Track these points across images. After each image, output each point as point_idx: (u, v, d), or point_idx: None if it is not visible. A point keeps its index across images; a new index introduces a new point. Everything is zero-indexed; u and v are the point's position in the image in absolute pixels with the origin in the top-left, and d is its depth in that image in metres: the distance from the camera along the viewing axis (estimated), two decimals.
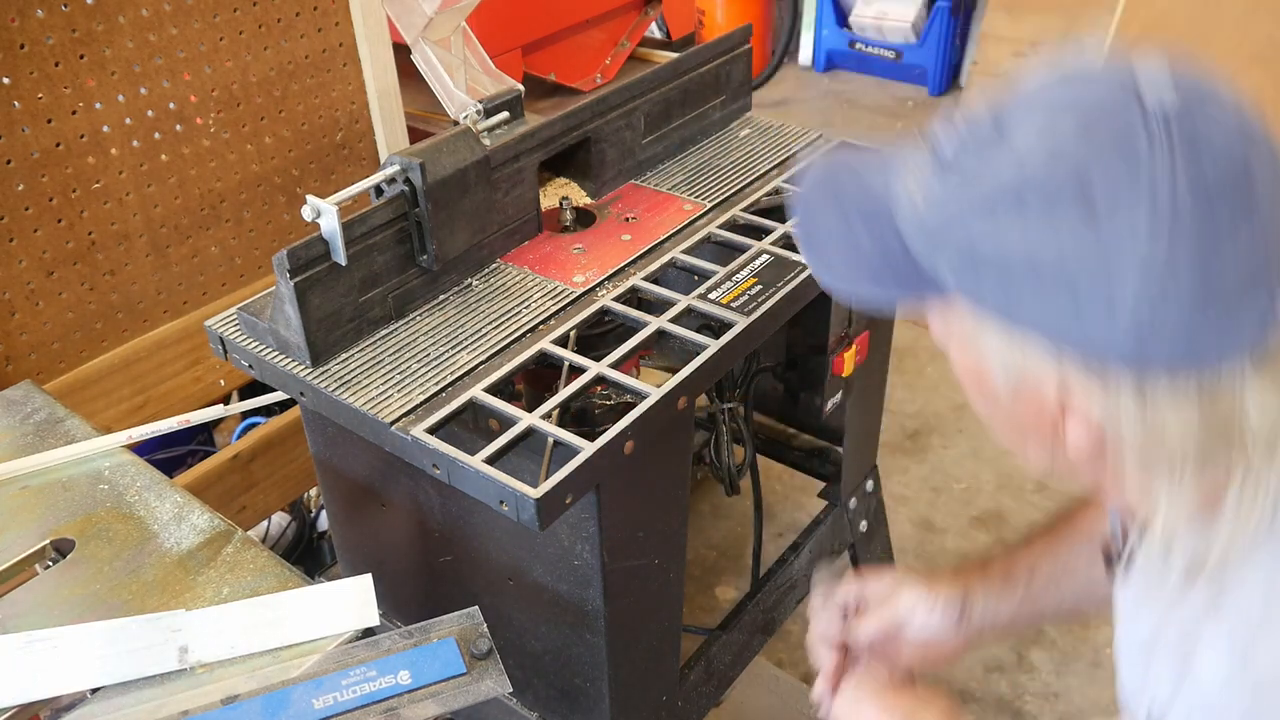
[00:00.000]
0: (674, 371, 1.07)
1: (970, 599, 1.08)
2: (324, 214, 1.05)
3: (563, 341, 1.11)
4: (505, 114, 1.29)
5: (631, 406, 1.01)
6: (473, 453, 0.95)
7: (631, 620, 1.16)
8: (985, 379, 0.77)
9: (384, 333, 1.15)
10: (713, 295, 1.17)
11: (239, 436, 1.87)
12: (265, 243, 1.80)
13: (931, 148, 0.76)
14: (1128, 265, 0.65)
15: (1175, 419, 0.68)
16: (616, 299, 1.18)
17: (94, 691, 0.91)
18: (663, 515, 1.14)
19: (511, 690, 1.30)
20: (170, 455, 2.11)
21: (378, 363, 1.11)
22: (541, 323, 1.16)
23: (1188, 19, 2.62)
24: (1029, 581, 1.10)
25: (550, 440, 0.97)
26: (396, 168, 1.13)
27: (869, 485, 1.70)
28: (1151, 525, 0.75)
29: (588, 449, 0.95)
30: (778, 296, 1.16)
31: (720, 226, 1.31)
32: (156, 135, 1.59)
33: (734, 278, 1.19)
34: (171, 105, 1.59)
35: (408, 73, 1.82)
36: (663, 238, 1.30)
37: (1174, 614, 0.76)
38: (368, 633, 0.97)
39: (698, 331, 1.12)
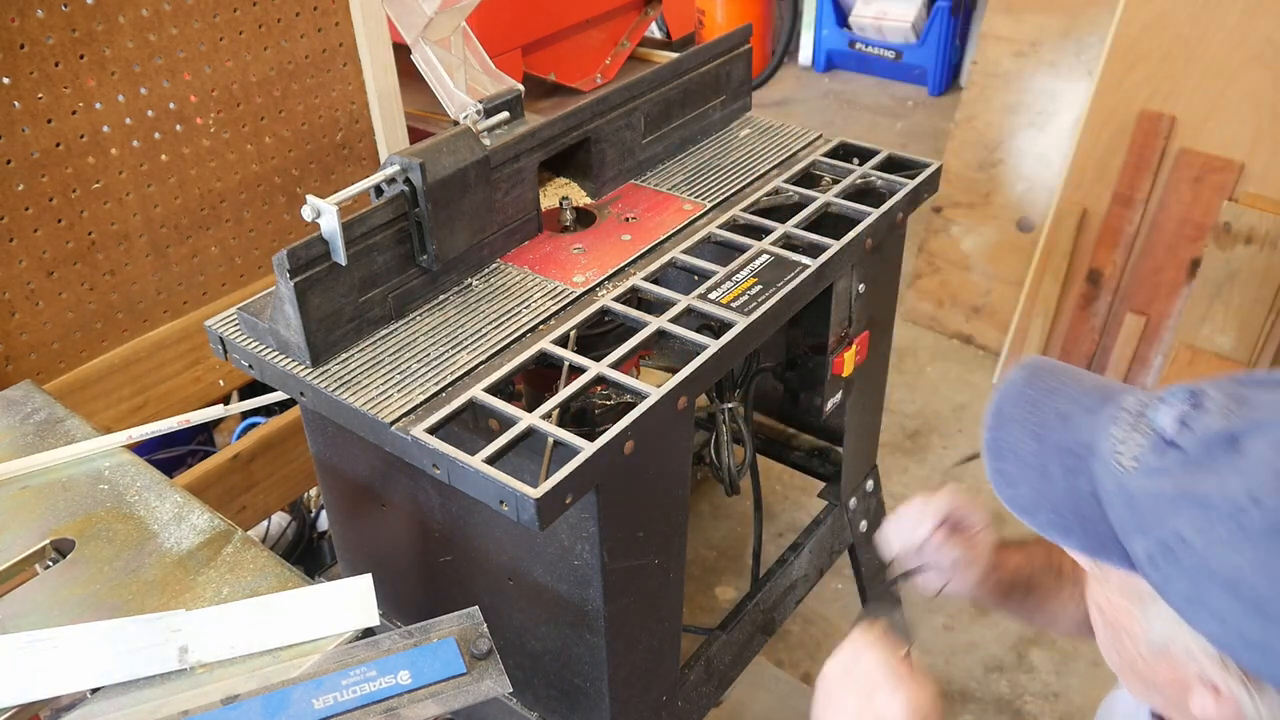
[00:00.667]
0: (674, 371, 1.07)
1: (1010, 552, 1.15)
2: (324, 214, 1.05)
3: (563, 341, 1.11)
4: (505, 114, 1.29)
5: (631, 406, 1.01)
6: (473, 453, 0.95)
7: (631, 620, 1.16)
8: (1130, 630, 0.82)
9: (384, 333, 1.15)
10: (713, 295, 1.17)
11: (239, 436, 1.87)
12: (265, 243, 1.80)
13: (1152, 418, 0.78)
14: None
15: None
16: (616, 299, 1.18)
17: (94, 691, 0.91)
18: (663, 515, 1.14)
19: (511, 690, 1.30)
20: (170, 455, 2.11)
21: (378, 363, 1.11)
22: (541, 323, 1.16)
23: (1188, 19, 2.62)
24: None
25: (550, 440, 0.97)
26: (396, 168, 1.13)
27: (869, 485, 1.70)
28: None
29: (588, 449, 0.95)
30: (778, 296, 1.16)
31: (720, 226, 1.31)
32: (156, 135, 1.59)
33: (734, 278, 1.19)
34: (171, 105, 1.59)
35: (408, 73, 1.82)
36: (663, 238, 1.30)
37: None
38: (368, 633, 0.97)
39: (698, 331, 1.12)
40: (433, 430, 1.00)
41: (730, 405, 1.46)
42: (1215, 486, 0.72)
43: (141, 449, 1.26)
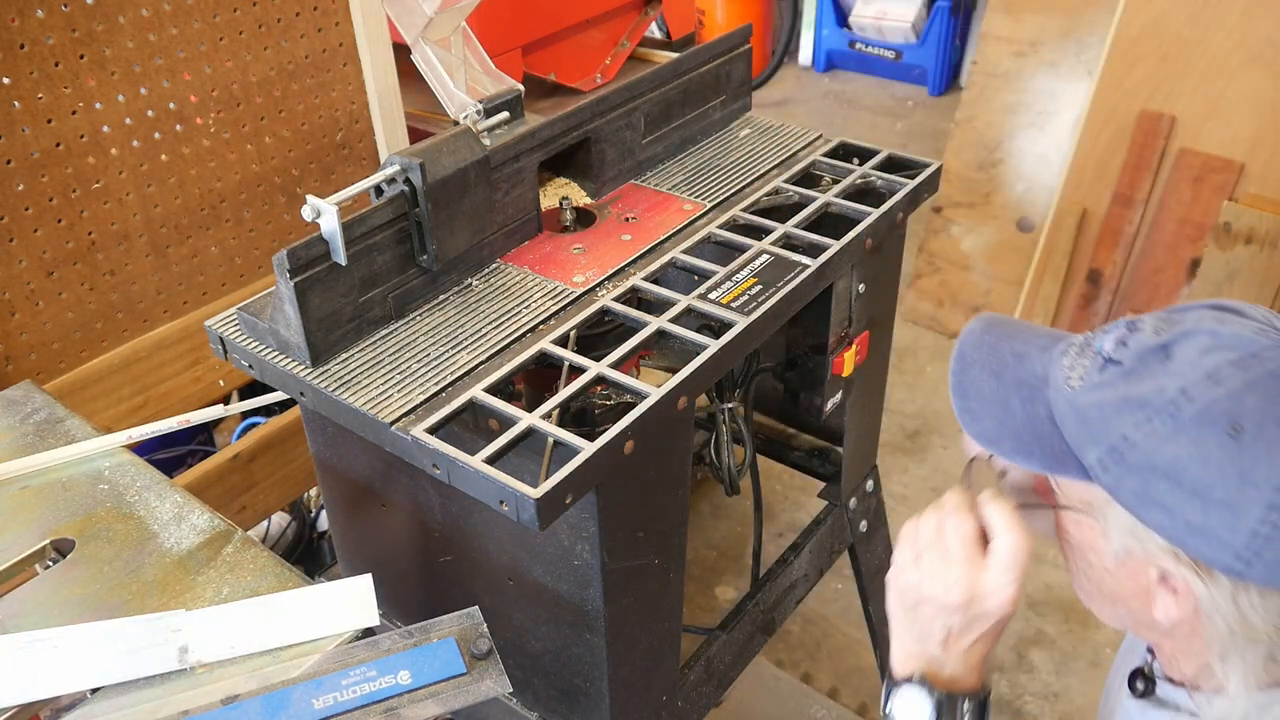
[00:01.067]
0: (674, 371, 1.07)
1: None
2: (324, 214, 1.05)
3: (563, 341, 1.11)
4: (505, 114, 1.29)
5: (631, 406, 1.01)
6: (473, 453, 0.95)
7: (631, 620, 1.16)
8: (1093, 545, 0.90)
9: (384, 333, 1.15)
10: (713, 295, 1.17)
11: (239, 436, 1.87)
12: (265, 243, 1.80)
13: (1095, 344, 0.88)
14: (1258, 495, 0.76)
15: (1260, 623, 0.80)
16: (616, 299, 1.18)
17: (94, 691, 0.91)
18: (663, 515, 1.14)
19: (511, 690, 1.30)
20: (170, 455, 2.11)
21: (378, 363, 1.11)
22: (541, 323, 1.16)
23: (1188, 19, 2.62)
24: None
25: (550, 440, 0.97)
26: (396, 168, 1.13)
27: (869, 485, 1.70)
28: (1200, 686, 0.90)
29: (588, 449, 0.95)
30: (778, 296, 1.16)
31: (720, 226, 1.31)
32: (156, 135, 1.59)
33: (734, 278, 1.19)
34: (171, 105, 1.59)
35: (408, 73, 1.82)
36: (663, 238, 1.30)
37: None
38: (368, 633, 0.97)
39: (698, 331, 1.12)
40: (433, 430, 1.00)
41: (730, 405, 1.46)
42: (1151, 388, 0.80)
43: (141, 449, 1.26)
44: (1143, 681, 1.01)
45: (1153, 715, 0.98)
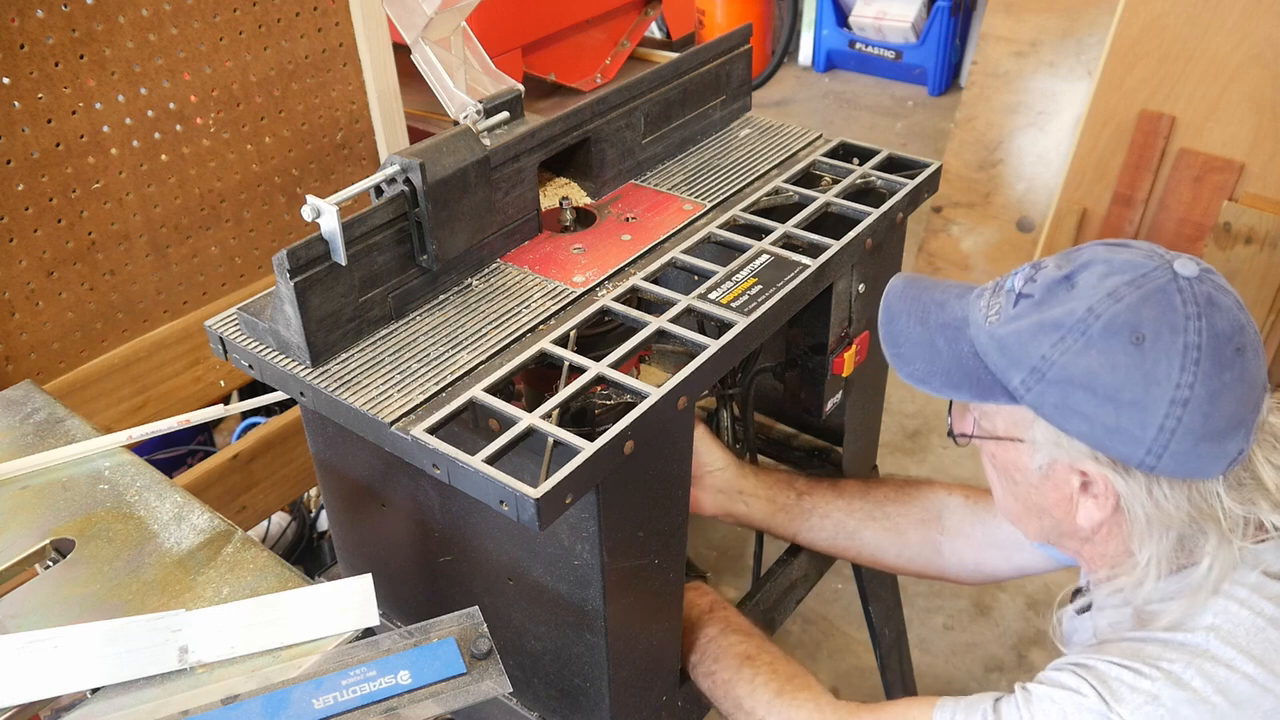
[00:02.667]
0: (674, 372, 1.07)
1: (742, 473, 1.42)
2: (324, 214, 1.05)
3: (563, 341, 1.11)
4: (505, 114, 1.29)
5: (631, 406, 1.01)
6: (473, 453, 0.95)
7: (631, 620, 1.16)
8: (1019, 464, 1.00)
9: (384, 333, 1.15)
10: (713, 295, 1.17)
11: (239, 436, 1.87)
12: (265, 243, 1.80)
13: (1006, 285, 0.99)
14: (1162, 393, 0.88)
15: (1173, 510, 0.92)
16: (616, 299, 1.18)
17: (94, 691, 0.91)
18: (663, 515, 1.14)
19: (511, 690, 1.30)
20: (170, 455, 2.11)
21: (378, 363, 1.11)
22: (541, 323, 1.16)
23: (1188, 19, 2.62)
24: (796, 502, 1.44)
25: (550, 440, 0.97)
26: (396, 168, 1.13)
27: None
28: (1118, 579, 1.00)
29: (588, 449, 0.95)
30: (778, 296, 1.16)
31: (720, 226, 1.31)
32: (156, 135, 1.59)
33: (734, 278, 1.20)
34: (171, 105, 1.59)
35: (408, 73, 1.82)
36: (663, 238, 1.30)
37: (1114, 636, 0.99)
38: (368, 633, 0.97)
39: (698, 332, 1.12)
40: (433, 430, 1.00)
41: (732, 391, 1.46)
42: (1062, 312, 0.92)
43: (141, 449, 1.26)
44: (1079, 595, 1.13)
45: (1084, 620, 1.10)
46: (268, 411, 1.71)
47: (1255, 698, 0.89)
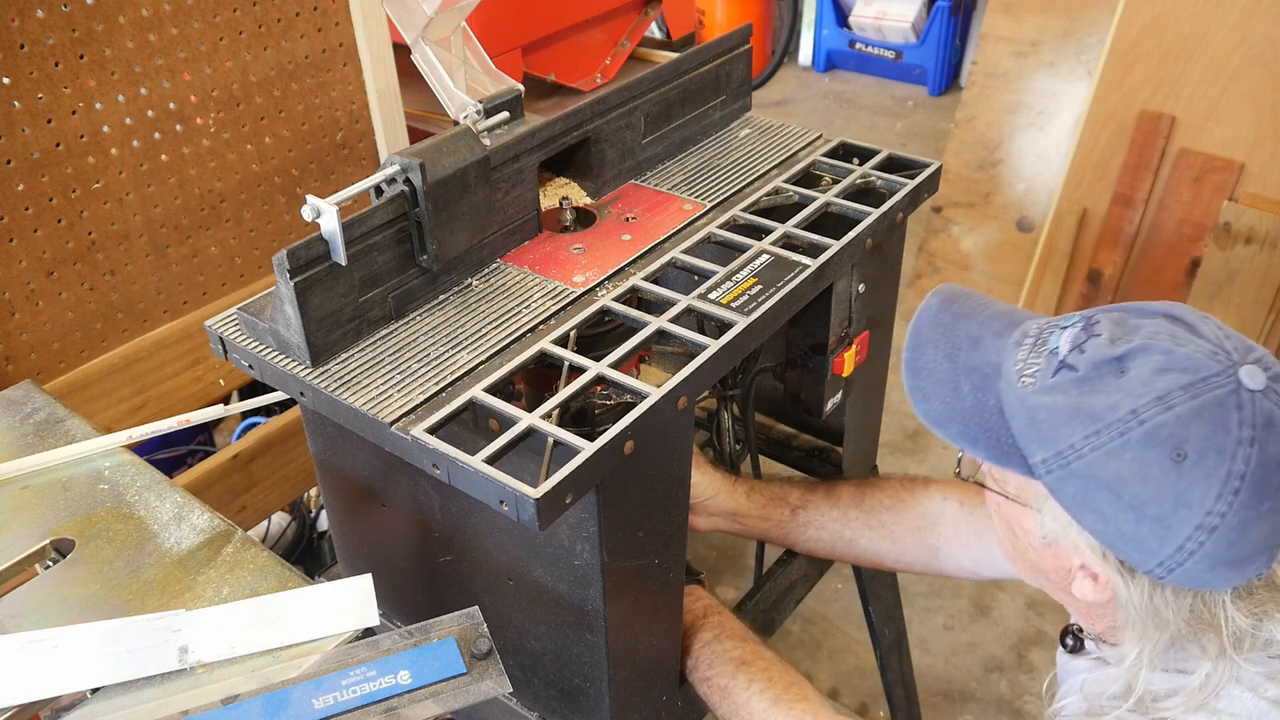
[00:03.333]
0: (674, 372, 1.07)
1: (734, 496, 1.41)
2: (324, 214, 1.05)
3: (563, 341, 1.11)
4: (505, 114, 1.29)
5: (631, 406, 1.01)
6: (473, 453, 0.95)
7: (631, 620, 1.16)
8: (1023, 525, 0.95)
9: (384, 333, 1.15)
10: (713, 295, 1.17)
11: (239, 436, 1.87)
12: (265, 243, 1.80)
13: (1050, 342, 0.90)
14: (1190, 516, 0.81)
15: (1171, 617, 0.88)
16: (616, 299, 1.18)
17: (94, 691, 0.91)
18: (663, 515, 1.14)
19: (511, 690, 1.30)
20: (170, 455, 2.11)
21: (378, 363, 1.11)
22: (541, 323, 1.16)
23: (1188, 19, 2.62)
24: (790, 517, 1.43)
25: (550, 440, 0.97)
26: (396, 168, 1.13)
27: None
28: (1109, 642, 0.99)
29: (588, 449, 0.95)
30: (778, 296, 1.16)
31: (720, 226, 1.31)
32: (156, 135, 1.59)
33: (734, 278, 1.19)
34: (171, 105, 1.59)
35: (408, 73, 1.82)
36: (663, 238, 1.30)
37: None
38: (368, 633, 0.97)
39: (698, 332, 1.12)
40: (433, 430, 1.00)
41: (733, 392, 1.46)
42: (1104, 403, 0.83)
43: (141, 449, 1.26)
44: (1071, 638, 1.09)
45: (1075, 665, 1.06)
46: (268, 411, 1.71)
47: None
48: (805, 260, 1.22)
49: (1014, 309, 1.00)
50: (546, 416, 1.00)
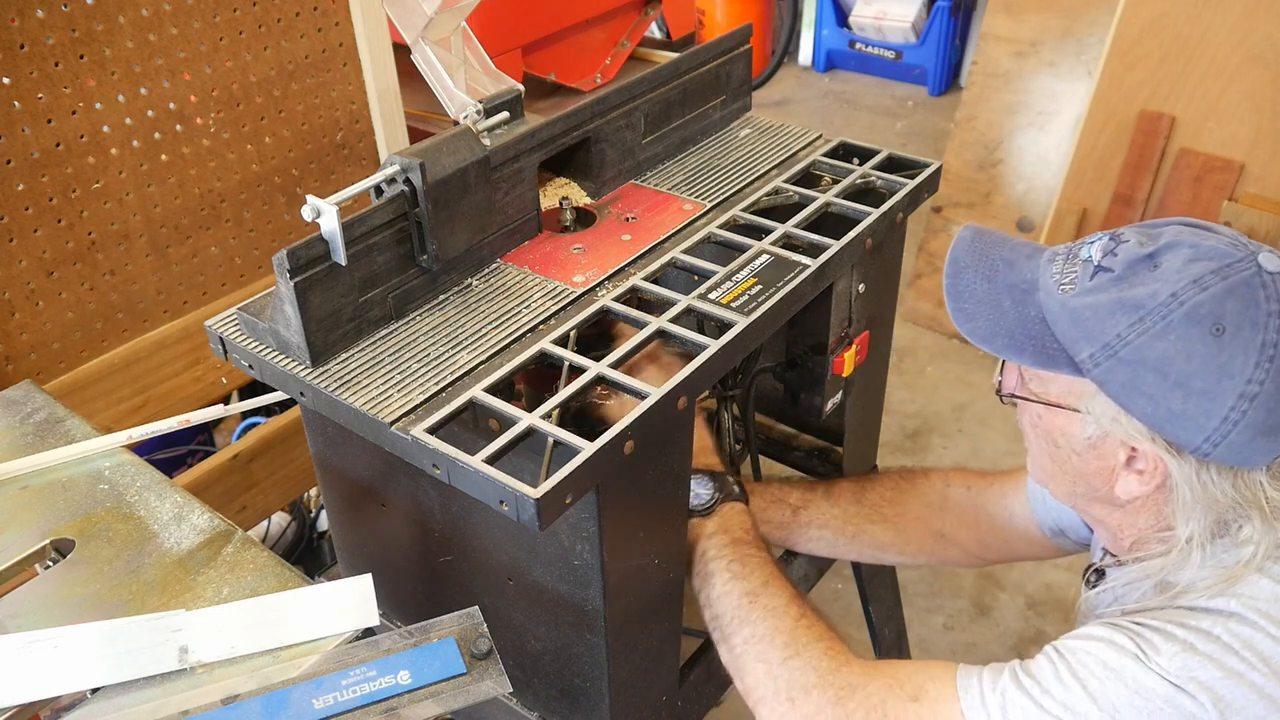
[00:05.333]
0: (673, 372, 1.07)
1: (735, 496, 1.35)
2: (324, 214, 1.05)
3: (563, 341, 1.11)
4: (505, 114, 1.29)
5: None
6: (473, 453, 0.95)
7: (631, 620, 1.16)
8: (1066, 431, 1.00)
9: (384, 333, 1.15)
10: (713, 295, 1.17)
11: (239, 436, 1.87)
12: (265, 243, 1.80)
13: (1081, 254, 0.97)
14: (1233, 386, 0.88)
15: (1219, 495, 0.94)
16: (616, 299, 1.18)
17: (94, 691, 0.91)
18: (663, 515, 1.14)
19: (511, 690, 1.30)
20: (170, 455, 2.11)
21: (378, 363, 1.11)
22: (541, 323, 1.16)
23: (1188, 19, 2.62)
24: (791, 519, 1.44)
25: (550, 440, 0.97)
26: (396, 168, 1.13)
27: None
28: (1148, 559, 1.01)
29: (588, 449, 0.95)
30: (778, 296, 1.16)
31: (720, 226, 1.31)
32: (156, 135, 1.59)
33: (734, 278, 1.19)
34: (171, 105, 1.59)
35: (408, 73, 1.82)
36: (663, 238, 1.30)
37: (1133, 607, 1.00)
38: (368, 633, 0.97)
39: (698, 331, 1.12)
40: (433, 430, 1.00)
41: (733, 392, 1.46)
42: (1144, 292, 0.90)
43: (141, 449, 1.26)
44: (1094, 574, 1.13)
45: (1100, 596, 1.11)
46: (268, 411, 1.71)
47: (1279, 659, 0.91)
48: (805, 260, 1.22)
49: (1036, 243, 1.07)
50: (546, 416, 1.00)
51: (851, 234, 1.26)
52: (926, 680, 1.01)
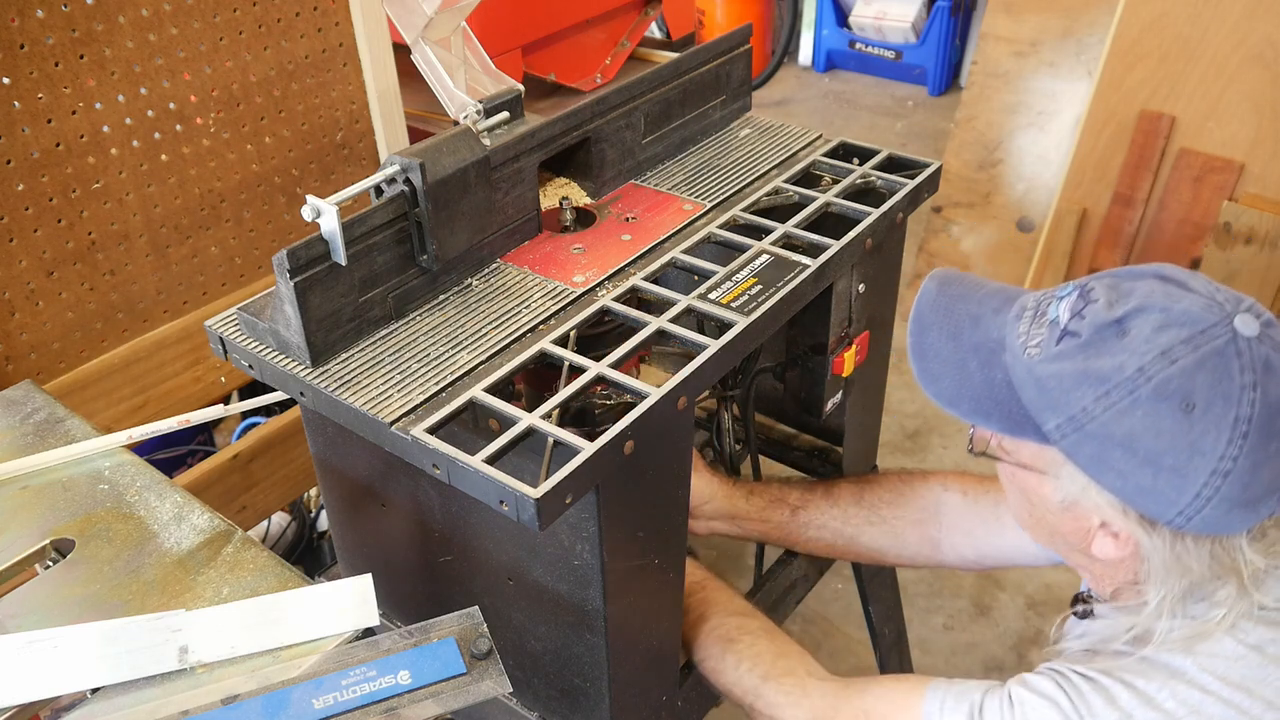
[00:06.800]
0: (674, 372, 1.07)
1: (732, 500, 1.42)
2: (324, 214, 1.05)
3: (563, 341, 1.11)
4: (505, 114, 1.29)
5: (631, 406, 1.01)
6: (473, 453, 0.95)
7: (631, 620, 1.16)
8: (1039, 492, 0.97)
9: (384, 333, 1.15)
10: (713, 295, 1.17)
11: (239, 436, 1.87)
12: (265, 243, 1.80)
13: (1049, 312, 0.92)
14: (1205, 464, 0.84)
15: (1194, 564, 0.90)
16: (616, 299, 1.18)
17: (94, 691, 0.91)
18: (663, 515, 1.14)
19: (511, 690, 1.30)
20: (170, 455, 2.11)
21: (378, 363, 1.11)
22: (541, 323, 1.16)
23: (1188, 19, 2.62)
24: (790, 518, 1.43)
25: (550, 440, 0.97)
26: (396, 168, 1.13)
27: None
28: (1122, 608, 0.99)
29: (588, 449, 0.95)
30: (778, 296, 1.16)
31: (720, 226, 1.31)
32: (156, 135, 1.59)
33: (734, 278, 1.19)
34: (171, 105, 1.59)
35: (408, 73, 1.82)
36: (663, 238, 1.30)
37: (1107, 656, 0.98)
38: (368, 633, 0.97)
39: (698, 331, 1.12)
40: (433, 430, 1.00)
41: (733, 393, 1.46)
42: (1110, 364, 0.86)
43: (141, 449, 1.26)
44: (1081, 605, 1.11)
45: (1084, 625, 1.08)
46: (268, 411, 1.71)
47: None
48: (805, 260, 1.22)
49: (1007, 286, 1.02)
50: (546, 416, 1.00)
51: (851, 234, 1.26)
52: (893, 697, 1.05)
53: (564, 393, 1.03)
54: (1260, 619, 0.92)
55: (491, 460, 0.95)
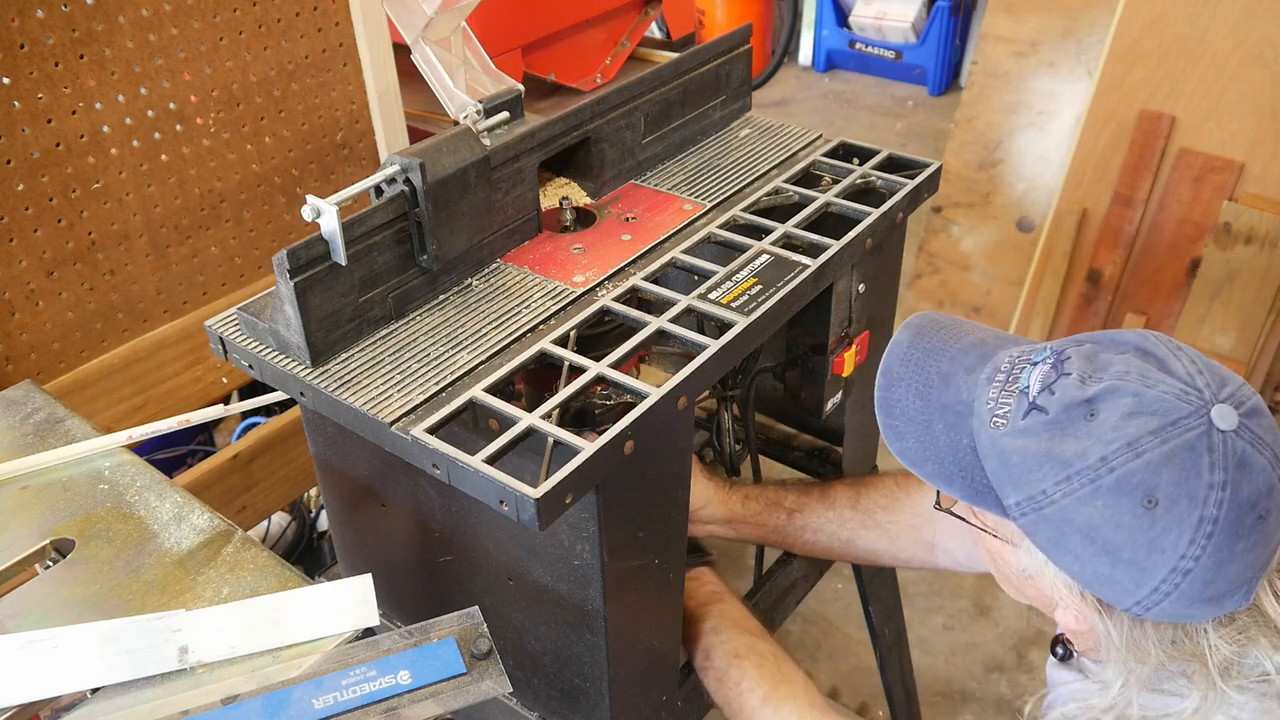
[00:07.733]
0: (674, 372, 1.07)
1: (728, 504, 1.42)
2: (324, 214, 1.05)
3: (563, 341, 1.11)
4: (505, 114, 1.29)
5: (631, 406, 1.01)
6: (473, 453, 0.95)
7: (631, 620, 1.16)
8: (1003, 556, 0.95)
9: (384, 333, 1.15)
10: (713, 295, 1.17)
11: (239, 436, 1.87)
12: (265, 243, 1.80)
13: (1020, 381, 0.88)
14: (1164, 560, 0.81)
15: (1152, 649, 0.87)
16: (616, 299, 1.18)
17: (94, 691, 0.91)
18: (663, 515, 1.14)
19: (511, 690, 1.30)
20: (170, 455, 2.11)
21: (378, 363, 1.11)
22: (541, 323, 1.16)
23: (1188, 19, 2.62)
24: (787, 522, 1.42)
25: (550, 440, 0.97)
26: (396, 168, 1.13)
27: None
28: (1098, 666, 0.96)
29: (588, 449, 0.95)
30: (778, 296, 1.16)
31: (720, 226, 1.31)
32: (156, 135, 1.59)
33: (734, 278, 1.19)
34: (171, 105, 1.59)
35: (408, 73, 1.82)
36: (663, 238, 1.30)
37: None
38: (368, 633, 0.97)
39: (698, 331, 1.12)
40: (433, 430, 1.00)
41: (733, 393, 1.46)
42: (1074, 450, 0.83)
43: (141, 449, 1.26)
44: (1062, 647, 1.08)
45: (1063, 674, 1.07)
46: (268, 411, 1.71)
47: None
48: (805, 260, 1.22)
49: (986, 337, 0.98)
50: (546, 416, 1.00)
51: (851, 234, 1.26)
52: None
53: (564, 393, 1.03)
54: (1267, 708, 0.88)
55: (491, 460, 0.95)
